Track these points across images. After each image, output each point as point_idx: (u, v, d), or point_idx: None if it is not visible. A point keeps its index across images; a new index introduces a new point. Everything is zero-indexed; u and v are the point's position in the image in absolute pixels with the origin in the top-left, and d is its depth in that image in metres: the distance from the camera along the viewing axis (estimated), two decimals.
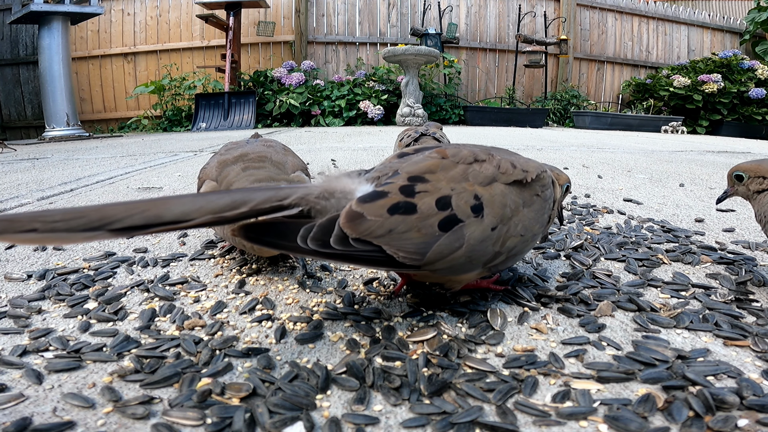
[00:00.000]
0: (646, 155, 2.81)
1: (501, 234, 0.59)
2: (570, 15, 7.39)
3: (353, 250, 0.50)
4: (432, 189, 0.56)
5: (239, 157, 0.83)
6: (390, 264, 0.53)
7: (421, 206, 0.54)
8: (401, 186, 0.55)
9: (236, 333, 0.61)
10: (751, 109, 6.75)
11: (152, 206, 0.43)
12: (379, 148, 3.01)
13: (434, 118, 6.73)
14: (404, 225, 0.52)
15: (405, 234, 0.52)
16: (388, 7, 7.24)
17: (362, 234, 0.51)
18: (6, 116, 6.76)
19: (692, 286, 0.76)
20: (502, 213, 0.59)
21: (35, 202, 1.46)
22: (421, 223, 0.53)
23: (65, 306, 0.69)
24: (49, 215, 0.40)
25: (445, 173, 0.58)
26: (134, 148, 3.42)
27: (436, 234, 0.54)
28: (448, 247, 0.54)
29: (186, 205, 0.45)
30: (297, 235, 0.49)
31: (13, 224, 0.39)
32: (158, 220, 0.44)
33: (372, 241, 0.51)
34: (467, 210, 0.56)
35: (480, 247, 0.57)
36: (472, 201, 0.57)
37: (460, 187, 0.57)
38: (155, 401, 0.47)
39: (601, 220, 1.20)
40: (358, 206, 0.52)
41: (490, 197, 0.58)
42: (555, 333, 0.61)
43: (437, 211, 0.54)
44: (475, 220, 0.56)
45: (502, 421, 0.44)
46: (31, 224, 0.39)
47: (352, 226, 0.51)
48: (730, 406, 0.45)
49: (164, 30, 6.94)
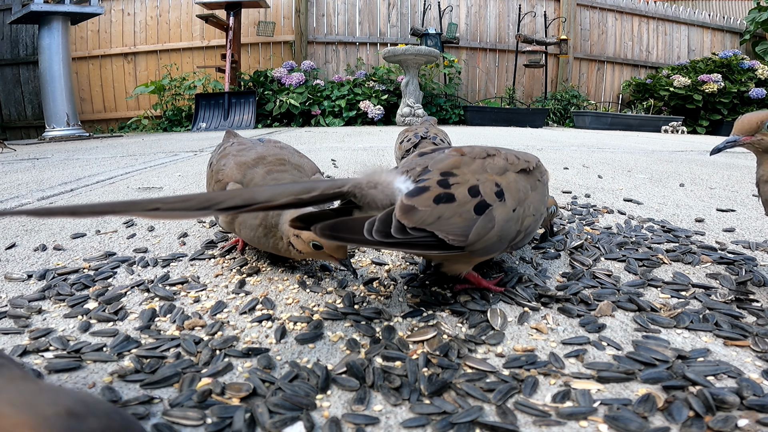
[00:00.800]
0: (646, 155, 2.81)
1: (519, 214, 0.67)
2: (570, 15, 7.39)
3: (411, 237, 0.57)
4: (462, 180, 0.64)
5: (258, 160, 0.83)
6: (441, 247, 0.60)
7: (458, 195, 0.62)
8: (437, 180, 0.63)
9: (236, 333, 0.61)
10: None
11: (246, 192, 0.52)
12: (379, 148, 3.01)
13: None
14: (449, 212, 0.60)
15: (450, 219, 0.60)
16: (388, 7, 7.24)
17: (417, 223, 0.58)
18: (6, 116, 6.77)
19: (692, 286, 0.76)
20: (518, 196, 0.67)
21: (35, 202, 1.46)
22: (460, 209, 0.61)
23: (65, 306, 0.69)
24: (167, 199, 0.48)
25: (467, 167, 0.66)
26: (134, 148, 3.42)
27: (473, 218, 0.61)
28: (484, 228, 0.62)
29: (272, 191, 0.53)
30: (363, 229, 0.56)
31: (137, 205, 0.47)
32: (252, 202, 0.51)
33: (425, 228, 0.58)
34: (493, 195, 0.64)
35: (507, 226, 0.65)
36: (495, 188, 0.65)
37: (482, 177, 0.65)
38: (155, 401, 0.47)
39: (601, 220, 1.20)
40: (408, 200, 0.59)
41: (507, 184, 0.67)
42: (555, 333, 0.61)
43: (470, 198, 0.62)
44: (500, 203, 0.64)
45: (502, 421, 0.44)
46: (154, 205, 0.46)
47: (408, 217, 0.58)
48: (730, 406, 0.45)
49: (164, 30, 6.94)
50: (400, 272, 0.83)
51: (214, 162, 0.89)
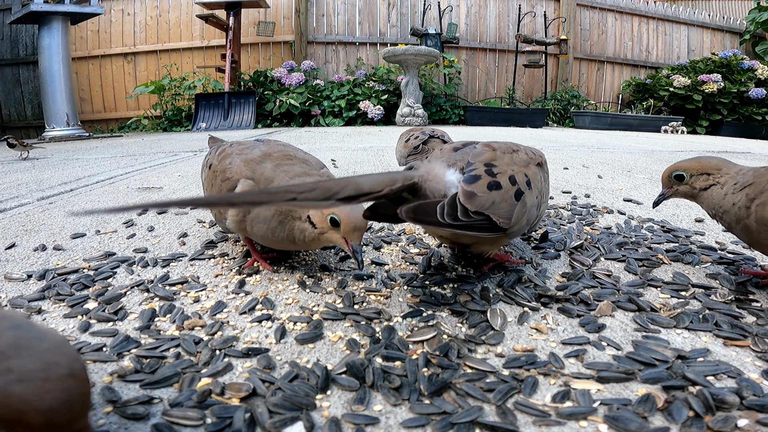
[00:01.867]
0: (646, 155, 2.81)
1: (539, 201, 0.77)
2: (570, 15, 7.39)
3: (472, 220, 0.64)
4: (501, 171, 0.71)
5: (265, 156, 0.84)
6: (492, 229, 0.66)
7: (503, 183, 0.69)
8: (485, 170, 0.70)
9: (236, 333, 0.61)
10: (751, 109, 6.75)
11: (353, 183, 0.55)
12: (379, 148, 3.01)
13: (434, 118, 6.74)
14: (499, 197, 0.67)
15: (500, 204, 0.67)
16: (388, 7, 7.24)
17: (477, 207, 0.65)
18: (6, 116, 6.76)
19: (692, 286, 0.76)
20: (539, 186, 0.76)
21: (35, 202, 1.46)
22: (506, 195, 0.68)
23: (65, 306, 0.69)
24: (298, 188, 0.52)
25: (501, 160, 0.74)
26: (134, 148, 3.42)
27: (514, 203, 0.69)
28: (519, 212, 0.69)
29: (371, 182, 0.58)
30: (436, 213, 0.63)
31: (276, 195, 0.51)
32: (360, 192, 0.55)
33: (483, 212, 0.65)
34: (524, 184, 0.72)
35: (532, 211, 0.73)
36: (524, 178, 0.73)
37: (515, 168, 0.73)
38: (155, 401, 0.47)
39: (601, 220, 1.20)
40: (468, 186, 0.66)
41: (533, 174, 0.75)
42: (555, 333, 0.61)
43: (511, 186, 0.70)
44: (529, 191, 0.72)
45: (502, 421, 0.44)
46: (290, 195, 0.50)
47: (470, 201, 0.65)
48: (730, 406, 0.45)
49: (164, 30, 6.94)
50: (400, 272, 0.83)
51: (215, 163, 0.88)
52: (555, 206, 1.32)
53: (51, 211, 1.32)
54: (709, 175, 0.78)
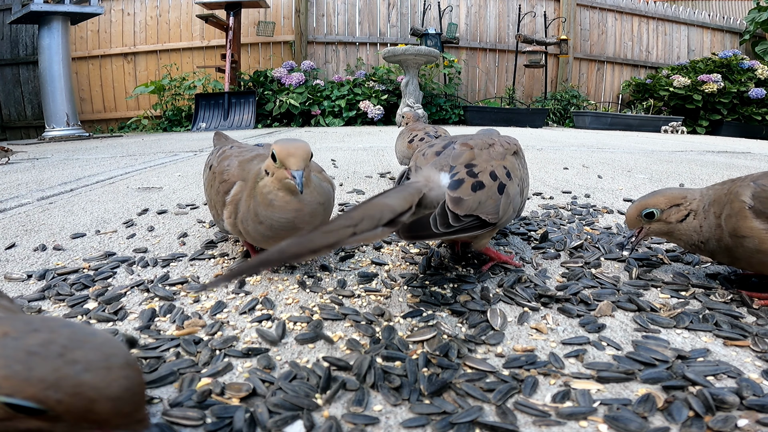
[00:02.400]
0: (646, 155, 2.81)
1: (521, 188, 0.82)
2: (570, 15, 7.39)
3: (464, 223, 0.68)
4: (481, 169, 0.74)
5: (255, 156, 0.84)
6: (483, 226, 0.71)
7: (485, 181, 0.72)
8: (466, 172, 0.73)
9: (236, 333, 0.61)
10: (751, 109, 6.74)
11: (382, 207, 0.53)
12: (379, 148, 3.01)
13: (434, 118, 6.74)
14: (484, 196, 0.71)
15: (486, 202, 0.71)
16: (388, 7, 7.24)
17: (466, 210, 0.68)
18: (6, 116, 6.76)
19: (692, 286, 0.76)
20: (517, 174, 0.80)
21: (35, 202, 1.46)
22: (490, 192, 0.72)
23: (65, 306, 0.69)
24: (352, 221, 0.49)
25: (480, 158, 0.77)
26: (134, 148, 3.42)
27: (499, 198, 0.73)
28: (505, 204, 0.73)
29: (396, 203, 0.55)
30: (430, 225, 0.66)
31: (339, 232, 0.47)
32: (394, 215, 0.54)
33: (472, 213, 0.69)
34: (504, 176, 0.75)
35: (516, 199, 0.78)
36: (503, 170, 0.76)
37: (494, 163, 0.76)
38: (155, 401, 0.47)
39: (601, 220, 1.20)
40: (453, 193, 0.70)
41: (511, 165, 0.79)
42: (555, 333, 0.61)
43: (492, 181, 0.73)
44: (510, 182, 0.76)
45: (502, 421, 0.44)
46: (350, 230, 0.48)
47: (458, 207, 0.68)
48: (730, 406, 0.45)
49: (164, 30, 6.94)
50: (400, 272, 0.83)
51: (214, 164, 0.89)
52: (555, 206, 1.32)
53: (51, 211, 1.32)
54: (679, 205, 0.75)
